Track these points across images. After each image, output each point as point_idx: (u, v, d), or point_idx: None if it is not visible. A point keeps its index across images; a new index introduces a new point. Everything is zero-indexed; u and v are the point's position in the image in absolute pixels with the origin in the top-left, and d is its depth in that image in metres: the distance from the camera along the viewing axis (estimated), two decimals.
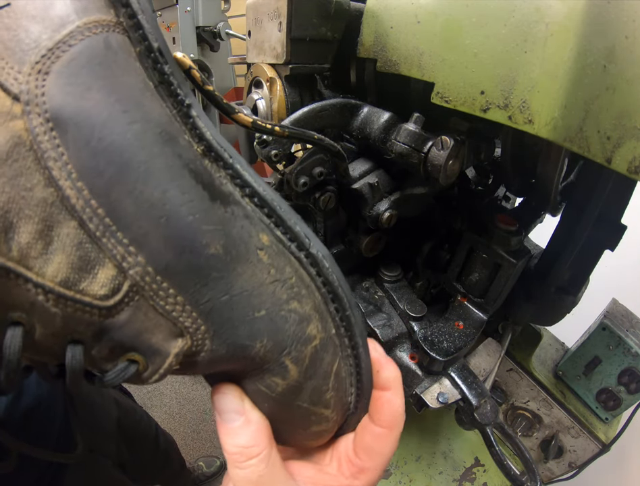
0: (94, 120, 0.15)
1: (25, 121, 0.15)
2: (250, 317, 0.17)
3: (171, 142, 0.17)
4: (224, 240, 0.17)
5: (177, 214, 0.16)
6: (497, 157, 0.41)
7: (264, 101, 0.38)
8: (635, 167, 0.27)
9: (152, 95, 0.17)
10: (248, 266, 0.18)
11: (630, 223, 0.41)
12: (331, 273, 0.20)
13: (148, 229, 0.16)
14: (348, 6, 0.34)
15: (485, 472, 0.61)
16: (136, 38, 0.17)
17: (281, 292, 0.18)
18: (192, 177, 0.17)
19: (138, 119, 0.16)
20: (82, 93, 0.15)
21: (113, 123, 0.15)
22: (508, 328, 0.52)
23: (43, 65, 0.15)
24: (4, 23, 0.15)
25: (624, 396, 0.58)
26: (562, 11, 0.23)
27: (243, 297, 0.17)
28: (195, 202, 0.16)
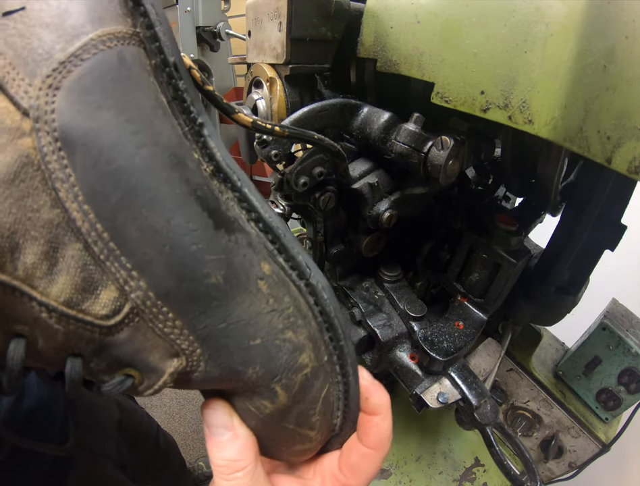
0: (102, 142, 0.15)
1: (33, 139, 0.14)
2: (245, 345, 0.18)
3: (179, 165, 0.16)
4: (225, 270, 0.17)
5: (180, 243, 0.16)
6: (497, 157, 0.41)
7: (264, 101, 0.38)
8: (635, 167, 0.27)
9: (164, 113, 0.16)
10: (247, 295, 0.18)
11: (630, 223, 0.41)
12: (329, 304, 0.20)
13: (152, 256, 0.16)
14: (348, 6, 0.34)
15: (485, 472, 0.61)
16: (152, 50, 0.16)
17: (278, 322, 0.18)
18: (198, 204, 0.17)
19: (147, 142, 0.16)
20: (92, 112, 0.15)
21: (122, 146, 0.15)
22: (508, 328, 0.52)
23: (54, 79, 0.15)
24: (18, 30, 0.15)
25: (624, 396, 0.58)
26: (562, 11, 0.23)
27: (240, 325, 0.18)
28: (199, 230, 0.16)
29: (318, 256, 0.44)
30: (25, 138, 0.14)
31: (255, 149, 0.33)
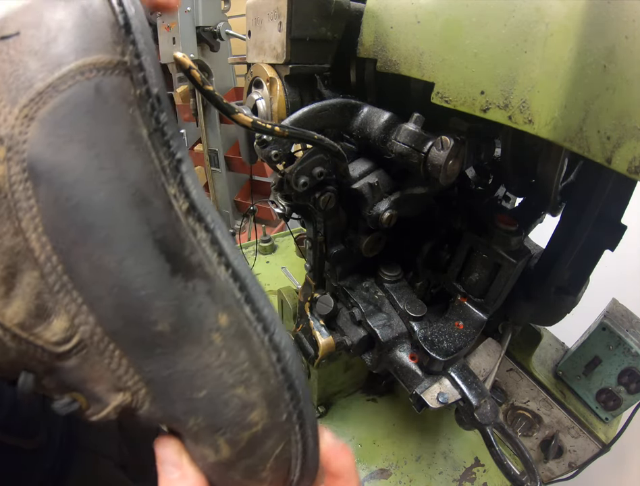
0: (66, 178, 0.15)
1: (4, 167, 0.15)
2: (188, 396, 0.17)
3: (142, 204, 0.16)
4: (175, 318, 0.17)
5: (129, 286, 0.16)
6: (497, 157, 0.41)
7: (264, 101, 0.38)
8: (635, 167, 0.27)
9: (137, 147, 0.16)
10: (196, 347, 0.17)
11: (630, 223, 0.41)
12: (291, 365, 0.19)
13: (102, 294, 0.16)
14: (348, 6, 0.34)
15: (485, 472, 0.61)
16: (138, 80, 0.16)
17: (228, 376, 0.18)
18: (156, 247, 0.16)
19: (112, 178, 0.15)
20: (62, 145, 0.15)
21: (84, 182, 0.15)
22: (508, 328, 0.52)
23: (30, 109, 0.15)
24: (9, 56, 0.15)
25: (624, 396, 0.58)
26: (562, 11, 0.23)
27: (184, 376, 0.17)
28: (152, 275, 0.16)
29: (318, 256, 0.44)
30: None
31: (255, 149, 0.33)
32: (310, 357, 0.44)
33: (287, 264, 1.01)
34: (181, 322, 0.17)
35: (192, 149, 1.86)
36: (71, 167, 0.15)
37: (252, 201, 1.21)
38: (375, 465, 0.61)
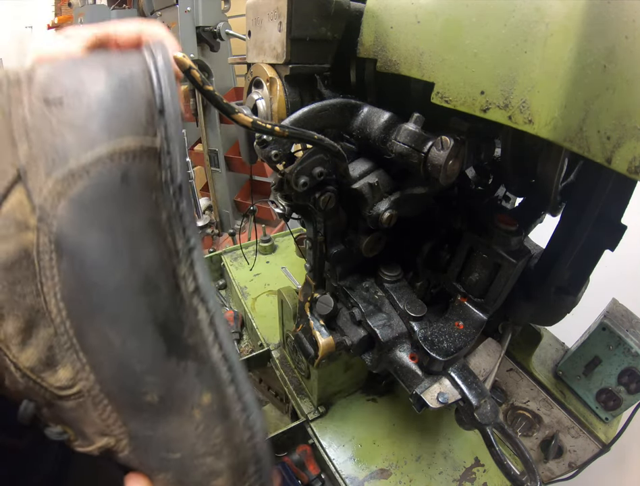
0: (85, 259, 0.17)
1: (34, 236, 0.17)
2: (163, 456, 0.19)
3: (150, 290, 0.18)
4: (164, 392, 0.19)
5: (127, 361, 0.18)
6: (497, 157, 0.41)
7: (264, 101, 0.38)
8: (635, 167, 0.27)
9: (153, 234, 0.18)
10: (178, 418, 0.19)
11: (630, 223, 0.41)
12: (261, 444, 0.20)
13: (103, 362, 0.18)
14: (348, 6, 0.34)
15: (485, 472, 0.61)
16: (164, 165, 0.17)
17: (202, 446, 0.19)
18: (156, 331, 0.18)
19: (126, 265, 0.17)
20: (85, 228, 0.17)
21: (101, 266, 0.17)
22: (508, 328, 0.52)
23: (62, 186, 0.16)
24: (50, 124, 0.16)
25: (624, 396, 0.58)
26: (562, 11, 0.23)
27: (163, 439, 0.19)
28: (148, 354, 0.18)
29: (318, 256, 0.44)
30: (29, 233, 0.17)
31: (255, 149, 0.33)
32: (310, 357, 0.44)
33: (287, 264, 1.01)
34: (169, 395, 0.19)
35: (192, 149, 1.86)
36: (91, 249, 0.17)
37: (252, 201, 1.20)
38: (375, 465, 0.61)
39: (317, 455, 0.65)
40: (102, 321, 0.17)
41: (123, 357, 0.18)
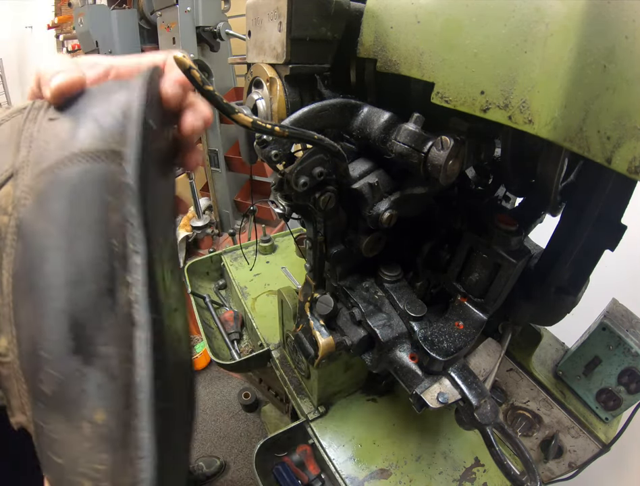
0: (33, 244, 0.19)
1: (7, 219, 0.20)
2: (49, 455, 0.19)
3: (77, 284, 0.19)
4: (56, 388, 0.19)
5: (37, 343, 0.19)
6: (497, 157, 0.41)
7: (264, 101, 0.38)
8: (635, 167, 0.27)
9: (98, 233, 0.19)
10: (65, 423, 0.18)
11: (630, 223, 0.41)
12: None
13: (23, 338, 0.20)
14: (348, 6, 0.34)
15: (485, 472, 0.61)
16: (124, 170, 0.19)
17: (82, 465, 0.18)
18: (69, 325, 0.19)
19: (63, 255, 0.19)
20: (40, 217, 0.19)
21: (42, 251, 0.19)
22: (508, 328, 0.52)
23: (34, 181, 0.19)
24: (45, 136, 0.20)
25: (624, 396, 0.58)
26: (562, 11, 0.23)
27: (50, 437, 0.19)
28: (53, 345, 0.18)
29: (318, 256, 0.44)
30: (5, 217, 0.20)
31: (255, 149, 0.33)
32: (310, 357, 0.44)
33: (287, 264, 1.01)
34: (60, 395, 0.19)
35: None
36: (38, 235, 0.19)
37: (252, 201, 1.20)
38: (375, 465, 0.61)
39: (317, 455, 0.65)
40: (30, 300, 0.19)
41: (34, 339, 0.19)
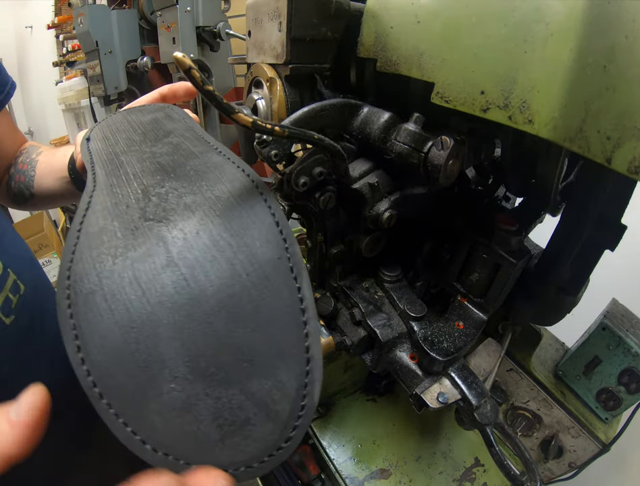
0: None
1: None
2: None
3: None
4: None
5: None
6: (497, 157, 0.41)
7: (264, 101, 0.38)
8: (635, 167, 0.27)
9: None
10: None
11: (630, 223, 0.40)
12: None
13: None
14: (348, 6, 0.34)
15: (485, 472, 0.61)
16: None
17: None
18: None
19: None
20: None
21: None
22: (508, 328, 0.52)
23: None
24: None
25: (624, 396, 0.58)
26: (562, 11, 0.23)
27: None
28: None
29: (318, 256, 0.44)
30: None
31: (255, 149, 0.33)
32: None
33: None
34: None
35: None
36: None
37: None
38: (375, 465, 0.61)
39: (317, 455, 0.65)
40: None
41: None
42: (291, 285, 0.21)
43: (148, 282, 0.20)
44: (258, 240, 0.22)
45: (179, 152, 0.31)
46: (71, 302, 0.20)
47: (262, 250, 0.22)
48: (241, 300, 0.20)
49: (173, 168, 0.28)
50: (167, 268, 0.21)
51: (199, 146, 0.32)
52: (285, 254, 0.22)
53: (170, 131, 0.35)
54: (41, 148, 0.61)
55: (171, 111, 0.41)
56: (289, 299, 0.21)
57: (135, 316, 0.19)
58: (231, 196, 0.25)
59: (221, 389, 0.18)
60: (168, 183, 0.27)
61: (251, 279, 0.21)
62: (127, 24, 1.51)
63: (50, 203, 0.64)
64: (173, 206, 0.24)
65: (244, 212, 0.24)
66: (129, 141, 0.33)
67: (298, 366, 0.19)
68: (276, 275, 0.21)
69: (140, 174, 0.28)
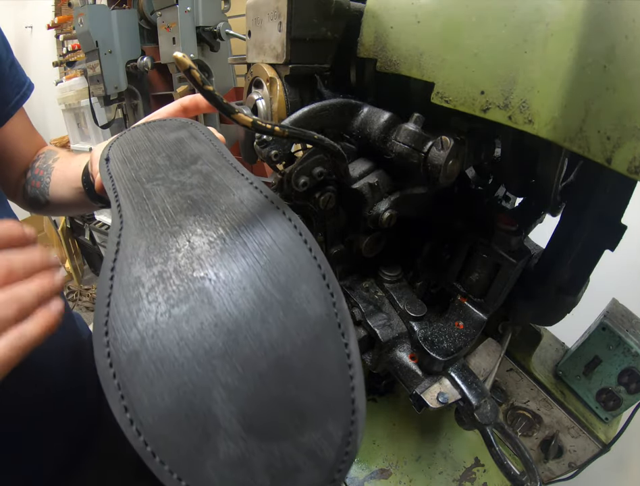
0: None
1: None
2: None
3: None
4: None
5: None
6: (497, 157, 0.41)
7: (264, 101, 0.38)
8: (635, 167, 0.27)
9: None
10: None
11: (630, 223, 0.40)
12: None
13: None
14: (348, 6, 0.34)
15: (485, 472, 0.61)
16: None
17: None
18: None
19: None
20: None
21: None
22: (508, 328, 0.52)
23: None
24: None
25: (624, 396, 0.58)
26: (562, 11, 0.23)
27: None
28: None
29: None
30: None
31: (255, 149, 0.33)
32: None
33: None
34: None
35: None
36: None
37: None
38: (375, 465, 0.61)
39: None
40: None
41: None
42: (339, 342, 0.21)
43: (197, 344, 0.20)
44: (306, 296, 0.22)
45: (211, 186, 0.29)
46: (113, 361, 0.19)
47: (311, 307, 0.21)
48: (292, 359, 0.20)
49: (207, 206, 0.27)
50: (214, 328, 0.20)
51: (232, 178, 0.30)
52: (332, 310, 0.22)
53: (197, 156, 0.33)
54: (58, 154, 0.60)
55: (196, 129, 0.38)
56: (337, 355, 0.21)
57: (186, 379, 0.19)
58: (276, 245, 0.24)
59: (274, 444, 0.18)
60: (204, 225, 0.25)
61: (302, 338, 0.20)
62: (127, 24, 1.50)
63: (65, 211, 0.64)
64: (214, 253, 0.23)
65: (290, 265, 0.23)
66: (154, 165, 0.32)
67: (344, 417, 0.19)
68: (325, 333, 0.21)
69: (171, 211, 0.26)
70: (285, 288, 0.22)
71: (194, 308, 0.21)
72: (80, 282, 2.50)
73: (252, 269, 0.22)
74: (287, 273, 0.23)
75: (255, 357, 0.20)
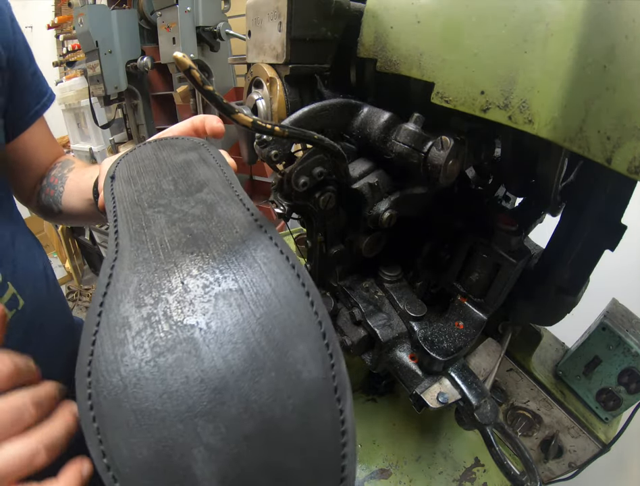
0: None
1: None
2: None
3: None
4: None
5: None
6: (497, 157, 0.41)
7: (264, 101, 0.38)
8: (635, 167, 0.27)
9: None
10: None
11: (630, 223, 0.40)
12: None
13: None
14: (348, 6, 0.34)
15: (485, 472, 0.61)
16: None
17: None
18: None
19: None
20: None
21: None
22: (508, 328, 0.52)
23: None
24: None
25: (624, 396, 0.58)
26: (562, 11, 0.23)
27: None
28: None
29: (318, 256, 0.44)
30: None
31: (255, 149, 0.33)
32: None
33: None
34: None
35: None
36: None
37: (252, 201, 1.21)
38: (375, 465, 0.61)
39: None
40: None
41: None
42: (334, 408, 0.20)
43: (180, 399, 0.19)
44: (303, 357, 0.20)
45: (214, 219, 0.27)
46: (94, 404, 0.19)
47: (307, 369, 0.20)
48: (281, 424, 0.19)
49: (206, 243, 0.25)
50: (200, 384, 0.19)
51: (236, 213, 0.28)
52: (330, 373, 0.20)
53: (204, 183, 0.31)
54: (74, 164, 0.61)
55: (207, 152, 0.37)
56: (330, 422, 0.19)
57: (166, 434, 0.18)
58: (275, 295, 0.22)
59: None
60: (201, 265, 0.24)
61: (293, 402, 0.19)
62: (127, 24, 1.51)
63: (77, 221, 0.64)
64: (207, 299, 0.22)
65: (288, 320, 0.21)
66: (158, 189, 0.30)
67: (332, 484, 0.18)
68: (320, 398, 0.20)
69: (168, 245, 0.25)
70: (281, 346, 0.20)
71: (181, 359, 0.20)
72: (80, 282, 2.51)
73: (247, 322, 0.21)
74: (285, 329, 0.21)
75: (241, 419, 0.18)
